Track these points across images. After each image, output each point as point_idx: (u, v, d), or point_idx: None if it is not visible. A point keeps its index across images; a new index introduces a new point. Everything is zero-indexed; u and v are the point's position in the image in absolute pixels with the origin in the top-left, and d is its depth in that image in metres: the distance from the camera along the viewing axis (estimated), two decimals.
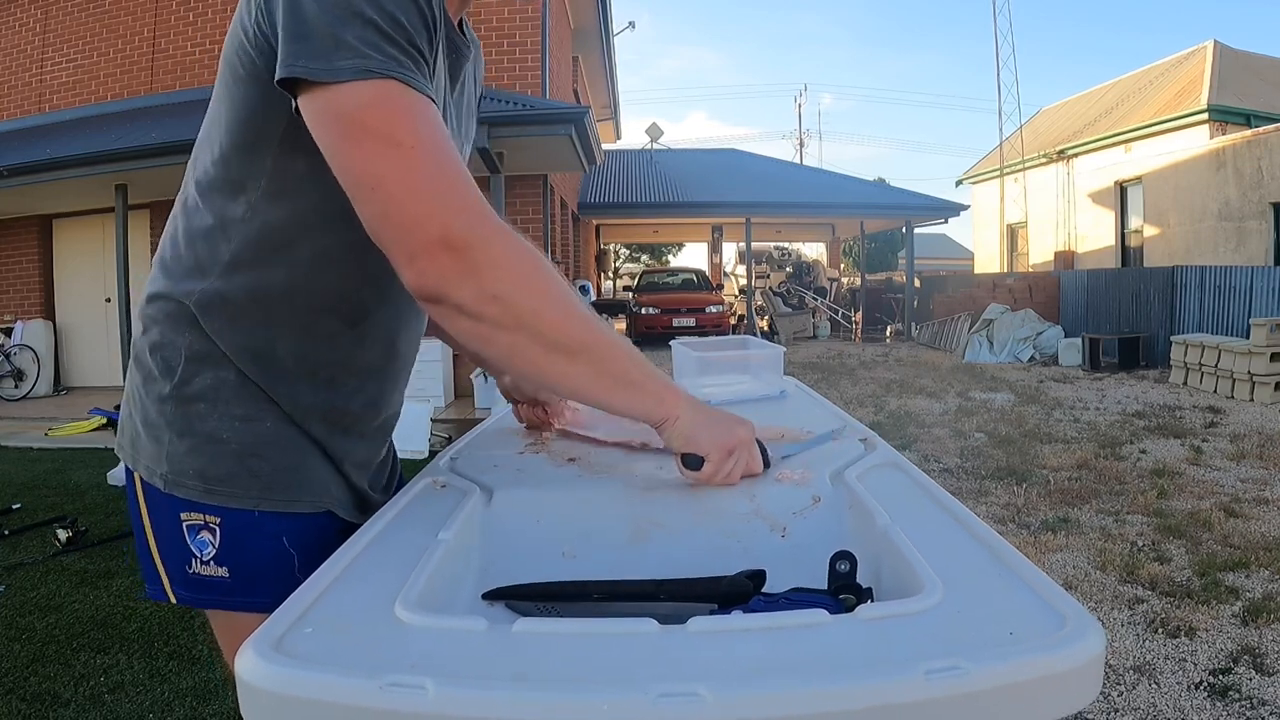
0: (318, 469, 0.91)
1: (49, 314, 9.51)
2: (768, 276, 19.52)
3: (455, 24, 0.90)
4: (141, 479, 0.89)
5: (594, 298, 11.99)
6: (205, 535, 0.86)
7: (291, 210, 0.83)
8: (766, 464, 0.92)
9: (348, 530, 0.90)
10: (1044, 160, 17.95)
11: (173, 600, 0.89)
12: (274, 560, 0.86)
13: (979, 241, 21.61)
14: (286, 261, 0.85)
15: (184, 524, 0.86)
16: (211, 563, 0.86)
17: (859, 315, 16.24)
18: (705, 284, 16.77)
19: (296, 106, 0.73)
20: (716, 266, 21.19)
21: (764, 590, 0.68)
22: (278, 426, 0.88)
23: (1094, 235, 16.52)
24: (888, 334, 15.47)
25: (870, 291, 17.61)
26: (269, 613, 0.81)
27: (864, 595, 0.66)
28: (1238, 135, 12.98)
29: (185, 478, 0.85)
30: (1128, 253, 15.63)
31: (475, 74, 1.01)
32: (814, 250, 24.54)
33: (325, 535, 0.89)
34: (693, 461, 0.87)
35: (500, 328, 0.73)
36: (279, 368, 0.87)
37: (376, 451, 1.01)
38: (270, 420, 0.87)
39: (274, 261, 0.85)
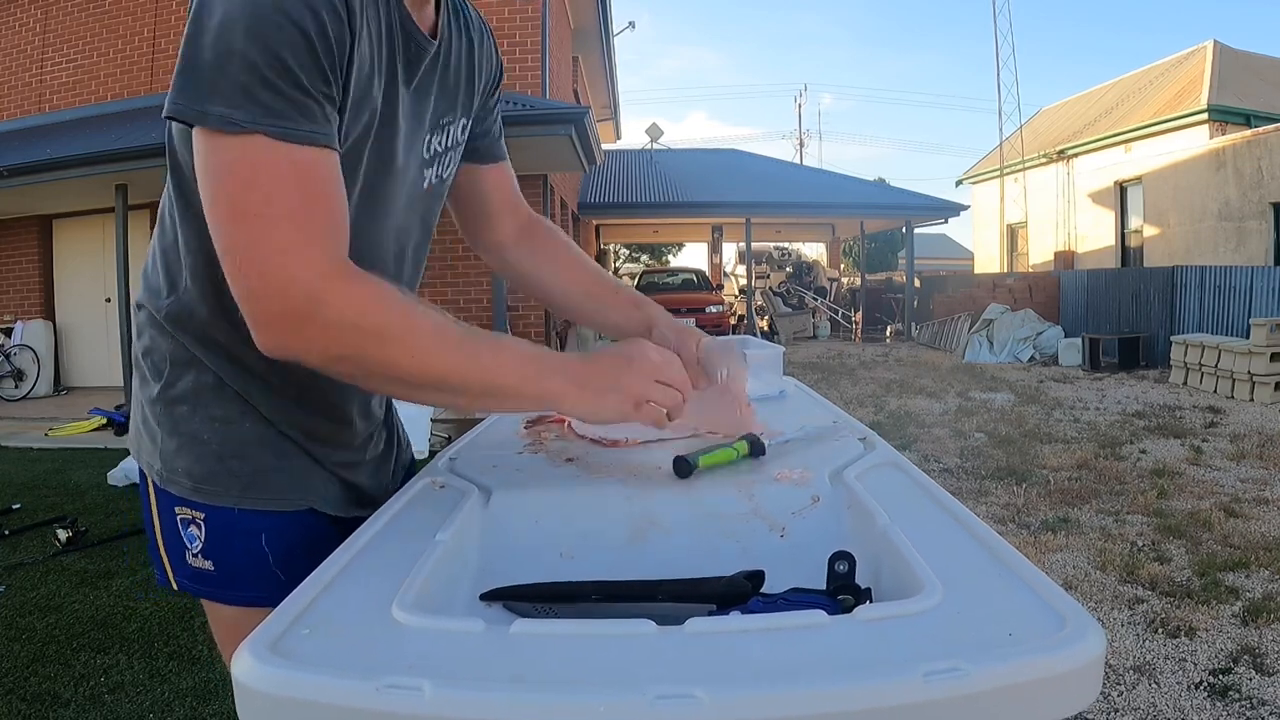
0: (298, 469, 0.93)
1: (49, 314, 9.51)
2: (768, 276, 19.52)
3: (431, 17, 0.89)
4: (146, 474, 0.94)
5: None
6: (193, 529, 0.90)
7: None
8: (761, 451, 0.95)
9: (339, 525, 0.92)
10: (1044, 160, 17.95)
11: (174, 587, 0.93)
12: (253, 557, 0.89)
13: (979, 241, 21.61)
14: None
15: (178, 518, 0.91)
16: (200, 555, 0.90)
17: (859, 315, 16.24)
18: (705, 284, 16.77)
19: None
20: (716, 266, 21.19)
21: (762, 591, 0.67)
22: (256, 428, 0.90)
23: (1094, 235, 16.53)
24: (888, 334, 15.47)
25: (870, 291, 17.61)
26: (251, 607, 0.85)
27: (863, 596, 0.65)
28: (1238, 135, 12.98)
29: (175, 475, 0.89)
30: (1128, 253, 15.63)
31: (472, 58, 0.98)
32: (814, 250, 24.54)
33: (310, 532, 0.91)
34: (682, 469, 0.89)
35: (360, 377, 0.76)
36: (251, 375, 0.89)
37: (360, 455, 1.01)
38: (249, 422, 0.90)
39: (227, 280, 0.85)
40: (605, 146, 13.48)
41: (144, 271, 0.93)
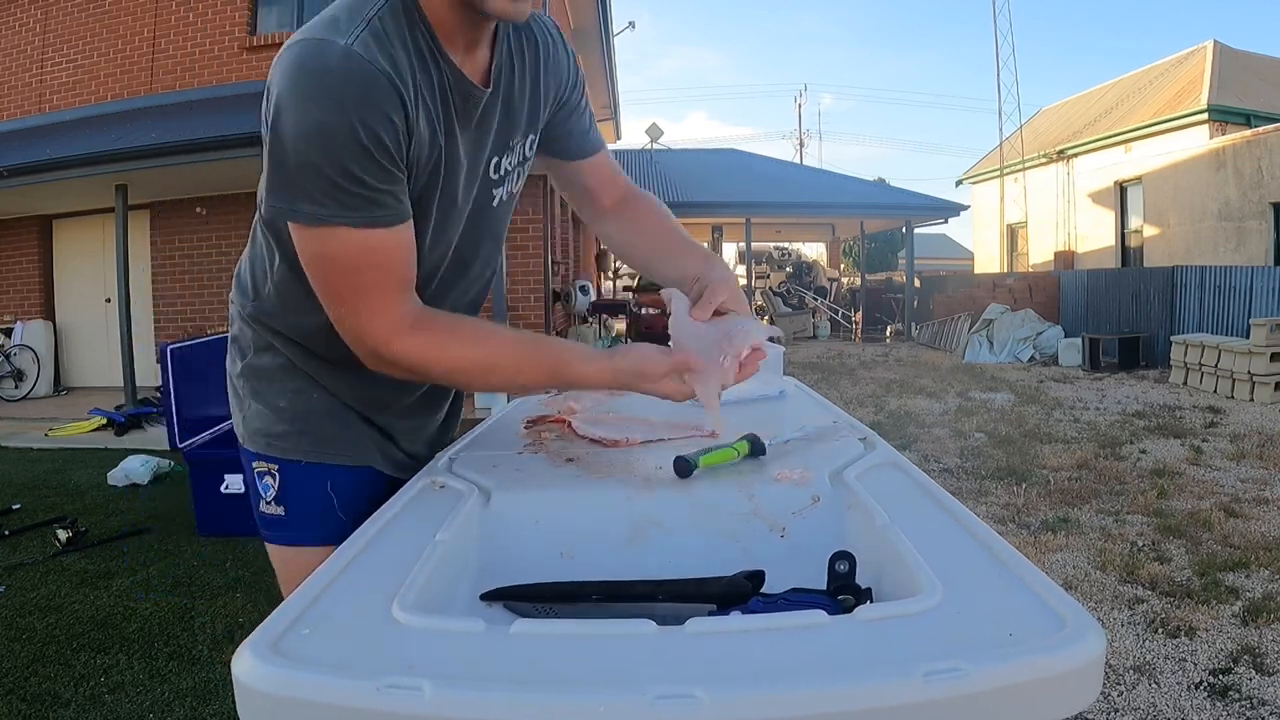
0: (360, 436, 1.08)
1: (49, 314, 9.49)
2: (768, 276, 19.51)
3: (484, 61, 0.96)
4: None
5: (594, 298, 12.00)
6: (268, 480, 1.07)
7: None
8: (761, 451, 0.97)
9: (397, 483, 1.02)
10: (1044, 160, 17.94)
11: (261, 531, 1.11)
12: (320, 502, 1.05)
13: (979, 241, 21.59)
14: (314, 300, 0.94)
15: (255, 471, 1.08)
16: (273, 502, 1.07)
17: (859, 315, 16.23)
18: None
19: None
20: None
21: (763, 591, 0.68)
22: (323, 400, 1.07)
23: (1094, 235, 16.52)
24: (888, 334, 15.46)
25: (870, 291, 17.60)
26: (314, 546, 1.01)
27: (863, 596, 0.66)
28: (1238, 135, 12.97)
29: (255, 435, 1.07)
30: (1128, 253, 15.62)
31: (537, 74, 1.04)
32: (814, 250, 24.53)
33: (369, 485, 1.06)
34: (682, 469, 0.89)
35: (440, 382, 1.01)
36: (319, 359, 1.05)
37: (424, 421, 1.16)
38: (317, 394, 1.06)
39: (304, 296, 0.96)
40: None
41: (237, 274, 1.11)
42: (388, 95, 0.83)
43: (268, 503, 1.08)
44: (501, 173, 1.05)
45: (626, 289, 18.40)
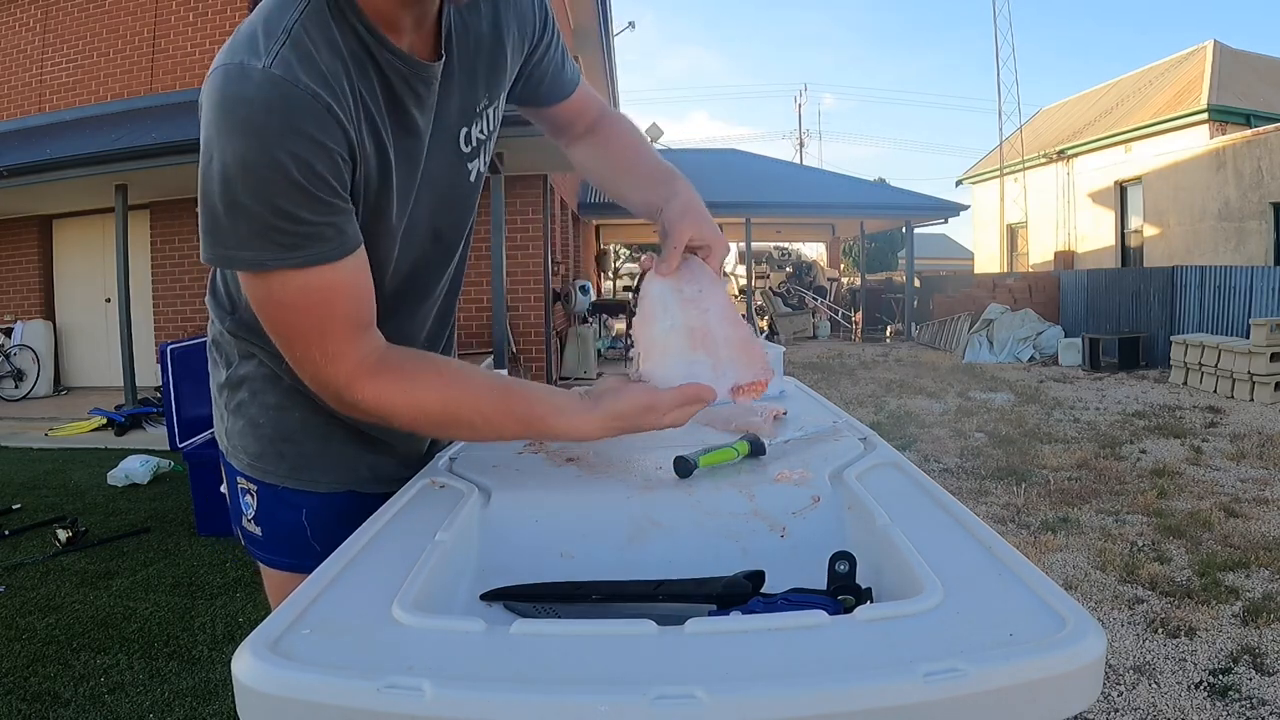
0: (344, 454, 1.03)
1: (49, 314, 9.50)
2: (767, 276, 19.52)
3: (431, 33, 0.87)
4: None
5: (594, 298, 12.01)
6: (248, 498, 1.05)
7: None
8: (762, 451, 0.97)
9: (381, 500, 0.95)
10: (1044, 160, 17.95)
11: (242, 541, 1.09)
12: (294, 529, 1.02)
13: (979, 241, 21.60)
14: None
15: (238, 486, 1.06)
16: (253, 521, 1.05)
17: (859, 315, 16.24)
18: None
19: None
20: None
21: (763, 591, 0.67)
22: (305, 416, 1.01)
23: (1094, 235, 16.52)
24: (888, 334, 15.47)
25: (870, 291, 17.60)
26: (289, 572, 1.01)
27: (863, 596, 0.66)
28: (1238, 135, 12.96)
29: (237, 450, 1.04)
30: (1128, 253, 15.62)
31: (497, 30, 0.95)
32: (814, 250, 24.54)
33: (349, 511, 0.99)
34: (682, 469, 0.89)
35: (406, 429, 0.92)
36: None
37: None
38: (299, 410, 1.01)
39: None
40: None
41: (211, 287, 1.06)
42: (318, 119, 0.75)
43: (248, 520, 1.05)
44: (473, 144, 0.97)
45: (626, 289, 18.42)
